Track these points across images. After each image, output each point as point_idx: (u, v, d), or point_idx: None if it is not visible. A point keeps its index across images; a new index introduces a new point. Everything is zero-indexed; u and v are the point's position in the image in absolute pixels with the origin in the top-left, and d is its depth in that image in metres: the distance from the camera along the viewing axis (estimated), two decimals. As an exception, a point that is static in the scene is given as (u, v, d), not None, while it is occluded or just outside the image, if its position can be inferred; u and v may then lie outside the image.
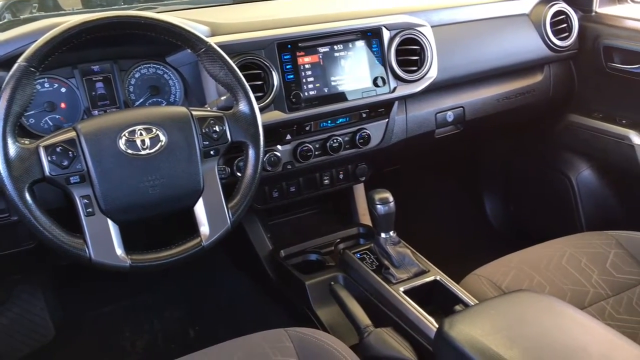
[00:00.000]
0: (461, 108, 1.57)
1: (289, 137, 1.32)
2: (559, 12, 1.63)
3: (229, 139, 1.03)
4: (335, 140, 1.37)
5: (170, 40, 1.02)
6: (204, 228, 1.01)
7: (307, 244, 1.52)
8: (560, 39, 1.63)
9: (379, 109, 1.41)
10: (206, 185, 1.01)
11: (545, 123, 1.82)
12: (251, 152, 1.05)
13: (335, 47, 1.30)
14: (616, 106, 1.66)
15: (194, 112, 1.01)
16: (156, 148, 0.97)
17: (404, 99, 1.46)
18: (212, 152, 1.02)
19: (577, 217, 1.80)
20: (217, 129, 1.02)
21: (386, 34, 1.34)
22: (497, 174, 2.12)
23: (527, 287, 1.23)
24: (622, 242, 1.37)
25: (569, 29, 1.64)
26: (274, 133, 1.28)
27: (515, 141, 2.02)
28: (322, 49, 1.28)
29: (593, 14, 1.68)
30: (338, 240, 1.53)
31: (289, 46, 1.24)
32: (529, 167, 1.99)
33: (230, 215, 1.03)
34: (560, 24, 1.63)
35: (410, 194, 2.06)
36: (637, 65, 1.54)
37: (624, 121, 1.62)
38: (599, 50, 1.63)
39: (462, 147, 2.04)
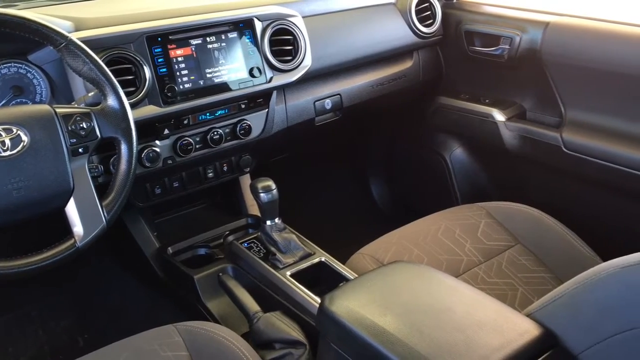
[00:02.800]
0: (338, 95, 1.62)
1: (167, 131, 1.30)
2: (422, 0, 1.72)
3: (99, 135, 1.01)
4: (215, 133, 1.37)
5: (28, 36, 0.98)
6: (78, 228, 0.98)
7: (196, 239, 1.52)
8: (426, 26, 1.72)
9: (258, 99, 1.42)
10: (77, 184, 0.98)
11: (419, 106, 1.92)
12: (124, 148, 1.04)
13: (208, 39, 1.30)
14: (480, 87, 1.79)
15: (58, 110, 0.98)
16: (18, 149, 0.92)
17: (282, 89, 1.49)
18: (80, 150, 0.99)
19: (453, 193, 1.92)
20: (85, 126, 0.99)
21: (258, 25, 1.36)
22: (381, 157, 2.21)
23: (407, 260, 1.30)
24: (491, 212, 1.48)
25: (433, 16, 1.75)
26: (150, 128, 1.26)
27: (394, 125, 2.11)
28: (194, 41, 1.27)
29: (454, 0, 1.80)
30: (227, 232, 1.53)
31: (159, 39, 1.23)
32: (409, 149, 2.10)
33: (106, 214, 1.00)
34: (424, 11, 1.73)
35: (297, 182, 2.10)
36: (494, 48, 1.66)
37: (487, 100, 1.75)
38: (461, 35, 1.75)
39: (346, 133, 2.11)
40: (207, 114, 1.35)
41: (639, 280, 0.76)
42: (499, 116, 1.69)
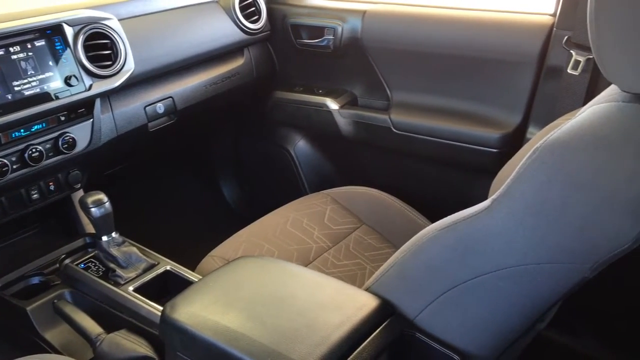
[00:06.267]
0: (170, 98, 1.57)
1: (-27, 154, 1.17)
2: (245, -3, 1.73)
3: None
4: (34, 150, 1.26)
5: None
6: None
7: (28, 267, 1.39)
8: (252, 22, 1.72)
9: (79, 109, 1.33)
10: None
11: (258, 103, 1.92)
12: None
13: (11, 49, 1.18)
14: (312, 78, 1.83)
15: None
16: None
17: (107, 96, 1.41)
18: None
19: (301, 184, 1.95)
20: None
21: (69, 31, 1.27)
22: (228, 157, 2.19)
23: (257, 255, 1.30)
24: (336, 198, 1.53)
25: (258, 12, 1.75)
26: (-48, 152, 1.13)
27: (238, 124, 2.10)
28: (-6, 53, 1.16)
29: (277, -5, 1.83)
30: (63, 255, 1.42)
31: (-49, 53, 1.10)
32: (254, 146, 2.10)
33: None
34: (249, 7, 1.72)
35: (142, 192, 2.02)
36: (320, 39, 1.71)
37: (320, 91, 1.79)
38: (287, 29, 1.77)
39: (187, 136, 2.06)
40: (22, 131, 1.23)
41: (452, 240, 0.81)
42: (332, 105, 1.74)
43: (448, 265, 0.82)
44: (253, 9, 1.74)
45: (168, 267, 1.25)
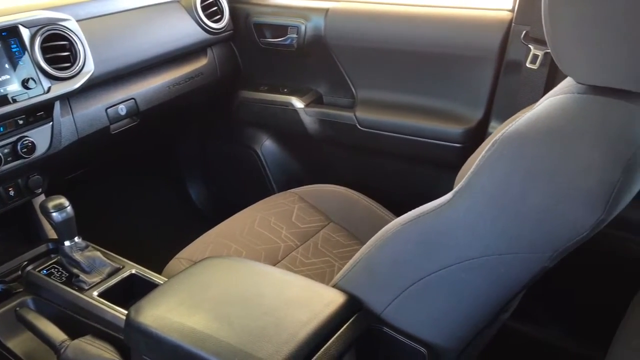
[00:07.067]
0: (132, 100, 1.55)
1: None
2: (207, -4, 1.71)
3: None
4: None
5: None
6: None
7: None
8: (214, 22, 1.71)
9: (38, 113, 1.30)
10: None
11: (223, 103, 1.91)
12: None
13: (-35, 51, 1.16)
14: (277, 77, 1.83)
15: None
16: None
17: (67, 98, 1.38)
18: None
19: (268, 184, 1.95)
20: None
21: (25, 32, 1.24)
22: (195, 158, 2.17)
23: (224, 256, 1.29)
24: (303, 196, 1.53)
25: (221, 11, 1.74)
26: None
27: (203, 124, 2.08)
28: (-55, 56, 1.13)
29: (240, -6, 1.81)
30: (25, 262, 1.38)
31: None
32: (221, 147, 2.08)
33: None
34: (211, 7, 1.71)
35: (106, 196, 1.98)
36: (283, 38, 1.71)
37: (285, 89, 1.79)
38: (251, 28, 1.77)
39: (152, 138, 2.03)
40: (-23, 136, 1.21)
41: (416, 233, 0.82)
42: (297, 103, 1.74)
43: (412, 258, 0.83)
44: (215, 8, 1.72)
45: (133, 271, 1.24)
